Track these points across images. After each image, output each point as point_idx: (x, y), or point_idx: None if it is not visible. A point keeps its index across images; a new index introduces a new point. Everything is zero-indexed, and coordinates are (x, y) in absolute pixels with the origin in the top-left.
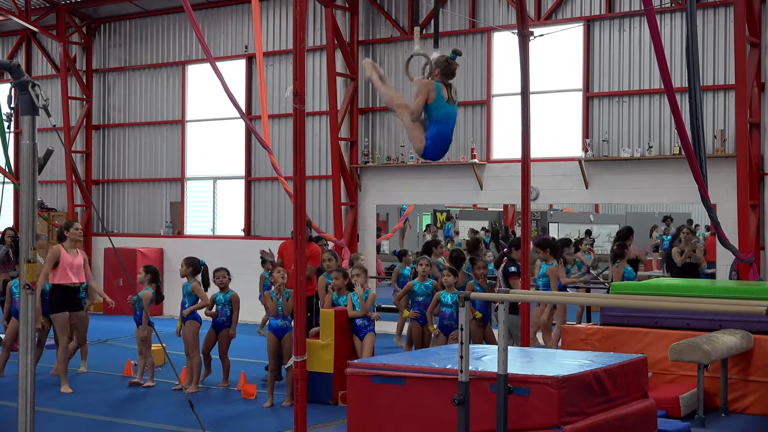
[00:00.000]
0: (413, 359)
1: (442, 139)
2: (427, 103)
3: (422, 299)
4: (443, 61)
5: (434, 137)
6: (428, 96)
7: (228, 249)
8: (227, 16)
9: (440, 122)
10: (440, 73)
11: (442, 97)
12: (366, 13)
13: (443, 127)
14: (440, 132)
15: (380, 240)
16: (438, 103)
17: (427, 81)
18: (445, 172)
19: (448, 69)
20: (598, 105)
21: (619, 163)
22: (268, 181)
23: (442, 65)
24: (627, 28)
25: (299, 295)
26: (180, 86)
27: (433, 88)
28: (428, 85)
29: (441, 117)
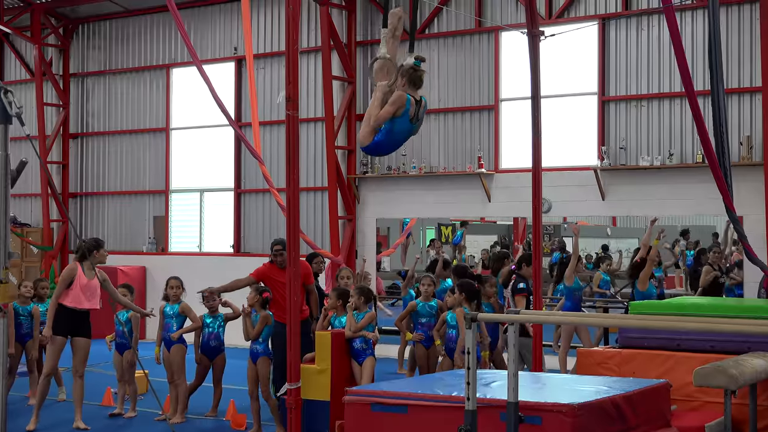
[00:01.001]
0: (416, 386)
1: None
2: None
3: (426, 320)
4: (408, 68)
5: (379, 144)
6: (397, 110)
7: (216, 267)
8: (215, 15)
9: (392, 135)
10: (407, 83)
11: (407, 115)
12: (364, 11)
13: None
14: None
15: (380, 256)
16: (402, 119)
17: (403, 95)
18: (451, 183)
19: (414, 76)
20: (614, 110)
21: (638, 173)
22: (259, 193)
23: (407, 74)
24: (645, 26)
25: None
26: (164, 91)
27: (404, 103)
28: (402, 99)
29: (398, 131)
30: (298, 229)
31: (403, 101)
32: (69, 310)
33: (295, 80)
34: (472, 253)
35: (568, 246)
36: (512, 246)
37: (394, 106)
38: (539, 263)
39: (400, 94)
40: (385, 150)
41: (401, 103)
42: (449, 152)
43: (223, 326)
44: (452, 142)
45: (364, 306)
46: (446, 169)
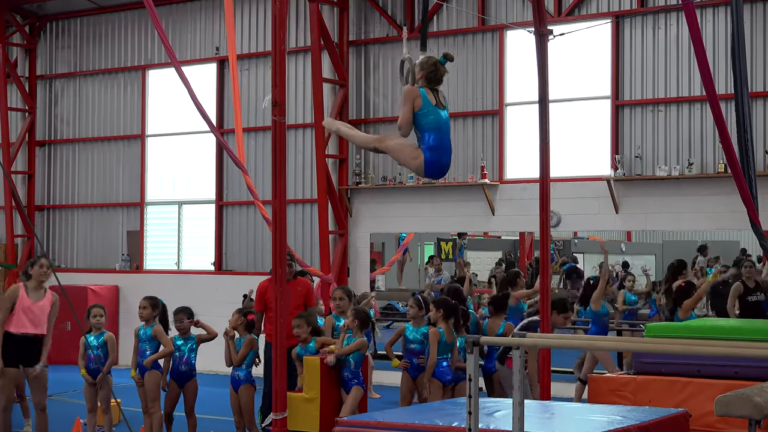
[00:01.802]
0: (413, 415)
1: (441, 149)
2: (415, 111)
3: (415, 347)
4: (430, 64)
5: (433, 147)
6: (414, 104)
7: (195, 286)
8: (195, 12)
9: (434, 129)
10: (425, 77)
11: (429, 102)
12: (357, 9)
13: (439, 134)
14: (438, 140)
15: (375, 274)
16: (426, 110)
17: (411, 88)
18: (451, 195)
19: (435, 75)
20: (629, 115)
21: (655, 183)
22: (243, 205)
23: (428, 69)
24: (662, 25)
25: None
26: (140, 95)
27: (418, 94)
28: (413, 92)
29: (432, 124)
30: (285, 244)
31: (415, 92)
32: (16, 337)
33: (282, 83)
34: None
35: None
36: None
37: (408, 102)
38: (547, 281)
39: (408, 88)
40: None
41: (414, 95)
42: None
43: (195, 350)
44: (453, 149)
45: (359, 331)
46: (446, 180)
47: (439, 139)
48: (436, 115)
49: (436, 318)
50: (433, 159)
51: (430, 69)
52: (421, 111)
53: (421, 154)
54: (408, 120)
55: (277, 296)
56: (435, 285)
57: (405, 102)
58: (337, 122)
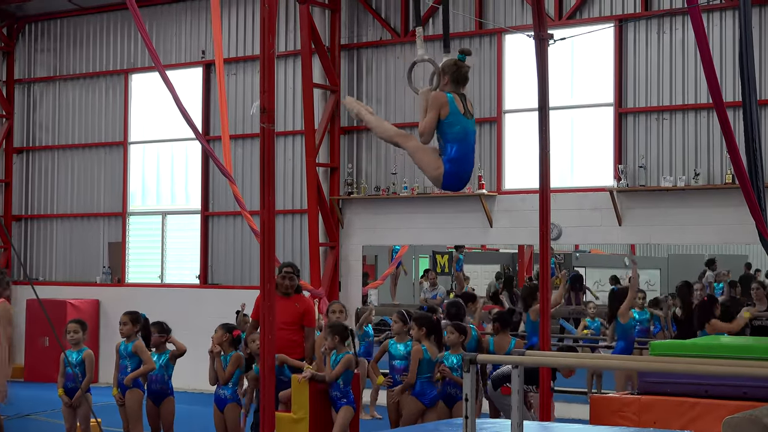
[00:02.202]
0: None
1: (463, 162)
2: (440, 119)
3: (398, 363)
4: (451, 64)
5: (454, 159)
6: (441, 111)
7: (179, 300)
8: (180, 14)
9: (458, 141)
10: (450, 80)
11: (458, 111)
12: (349, 11)
13: (463, 146)
14: (461, 152)
15: (367, 289)
16: (453, 119)
17: (439, 93)
18: (447, 206)
19: (459, 74)
20: (632, 123)
21: (659, 195)
22: (230, 216)
23: (450, 70)
24: (667, 29)
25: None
26: (122, 100)
27: (446, 101)
28: (440, 98)
29: (458, 135)
30: (274, 257)
31: (442, 98)
32: None
33: (270, 88)
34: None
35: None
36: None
37: (434, 107)
38: (547, 297)
39: (435, 94)
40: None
41: (442, 102)
42: None
43: (171, 366)
44: None
45: (341, 346)
46: (442, 190)
47: (463, 152)
48: (463, 125)
49: (418, 336)
50: (453, 172)
51: (453, 69)
52: (447, 120)
53: (442, 165)
54: (432, 128)
55: (264, 312)
56: (430, 300)
57: (431, 108)
58: (359, 104)
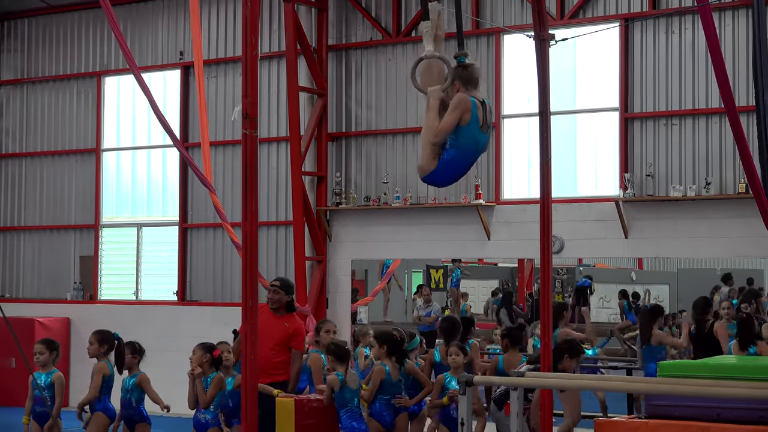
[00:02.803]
0: None
1: (455, 170)
2: (459, 124)
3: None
4: (455, 70)
5: (448, 163)
6: (462, 117)
7: (156, 318)
8: (156, 13)
9: (461, 151)
10: (461, 84)
11: (477, 121)
12: (338, 10)
13: (463, 158)
14: (458, 161)
15: (356, 305)
16: (470, 128)
17: (465, 96)
18: (442, 217)
19: (465, 75)
20: (639, 129)
21: (668, 205)
22: (210, 228)
23: (457, 73)
24: (676, 29)
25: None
26: (94, 104)
27: (470, 108)
28: (465, 103)
29: (467, 145)
30: (257, 272)
31: (467, 104)
32: None
33: (253, 92)
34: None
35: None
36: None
37: (457, 111)
38: (548, 315)
39: (463, 96)
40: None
41: (466, 107)
42: None
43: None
44: None
45: (341, 367)
46: (436, 200)
47: (461, 165)
48: (476, 138)
49: (378, 354)
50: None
51: (460, 74)
52: (465, 127)
53: (435, 165)
54: (449, 131)
55: (247, 332)
56: (424, 317)
57: (454, 109)
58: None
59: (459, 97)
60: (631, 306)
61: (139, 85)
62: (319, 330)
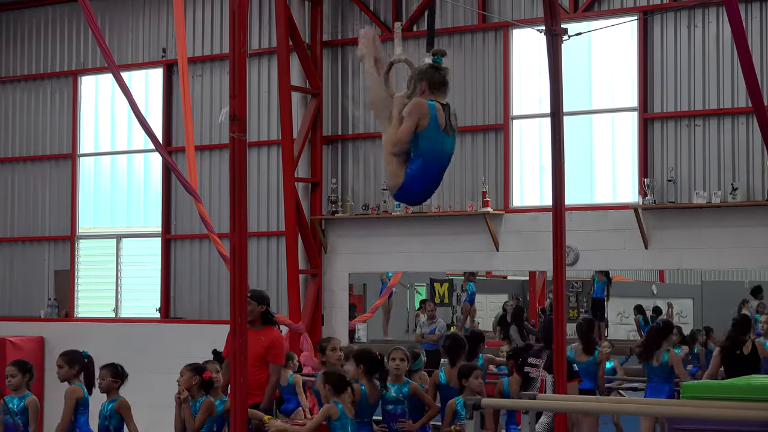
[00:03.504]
0: None
1: (426, 179)
2: (417, 130)
3: (392, 408)
4: (427, 68)
5: (416, 174)
6: (420, 122)
7: (137, 337)
8: (137, 7)
9: (429, 157)
10: (428, 87)
11: (438, 125)
12: (333, 3)
13: (430, 165)
14: (426, 168)
15: (354, 323)
16: (430, 132)
17: (420, 100)
18: (446, 227)
19: (437, 78)
20: (660, 131)
21: (691, 213)
22: (195, 239)
23: (427, 74)
24: (699, 22)
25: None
26: (70, 106)
27: (427, 112)
28: (421, 107)
29: (431, 150)
30: (246, 286)
31: (423, 108)
32: None
33: (242, 92)
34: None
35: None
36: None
37: (413, 116)
38: (562, 333)
39: (417, 100)
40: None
41: (422, 111)
42: (444, 186)
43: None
44: (448, 172)
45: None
46: (440, 208)
47: (430, 172)
48: (439, 142)
49: (355, 374)
50: (410, 189)
51: (430, 73)
52: (424, 132)
53: (402, 177)
54: (407, 139)
55: (236, 350)
56: (427, 335)
57: (410, 116)
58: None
59: (414, 101)
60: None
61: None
62: (323, 349)
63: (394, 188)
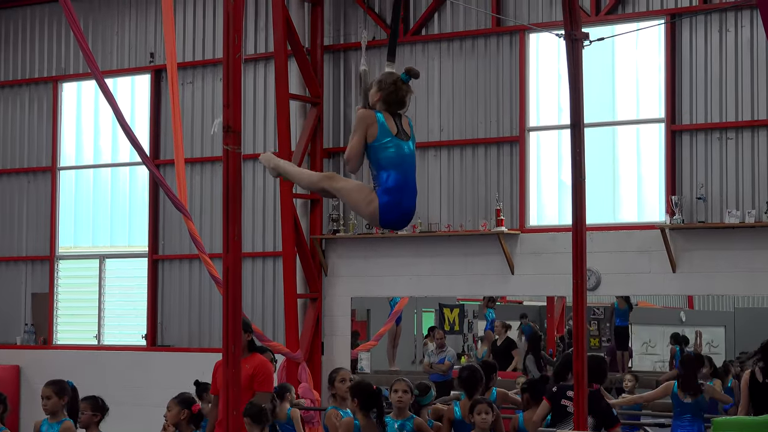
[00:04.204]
0: None
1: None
2: (368, 142)
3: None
4: (389, 83)
5: (390, 189)
6: (367, 132)
7: (121, 366)
8: (123, 9)
9: (394, 166)
10: (382, 100)
11: (388, 131)
12: (335, 5)
13: (400, 172)
14: (397, 179)
15: (357, 351)
16: (382, 141)
17: (365, 111)
18: (457, 248)
19: (395, 96)
20: (689, 144)
21: (723, 233)
22: (185, 260)
23: (386, 89)
24: (732, 26)
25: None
26: (50, 115)
27: (374, 121)
28: (366, 117)
29: (391, 159)
30: (240, 312)
31: (370, 117)
32: None
33: (237, 101)
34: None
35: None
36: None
37: (360, 128)
38: (582, 363)
39: (361, 112)
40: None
41: (369, 121)
42: (455, 203)
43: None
44: (459, 188)
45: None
46: (451, 228)
47: (401, 180)
48: (397, 148)
49: (353, 408)
50: (391, 204)
51: (389, 89)
52: (377, 142)
53: (376, 198)
54: (358, 153)
55: (228, 381)
56: (436, 365)
57: (356, 129)
58: (276, 158)
59: (358, 113)
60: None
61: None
62: (332, 380)
63: (374, 213)
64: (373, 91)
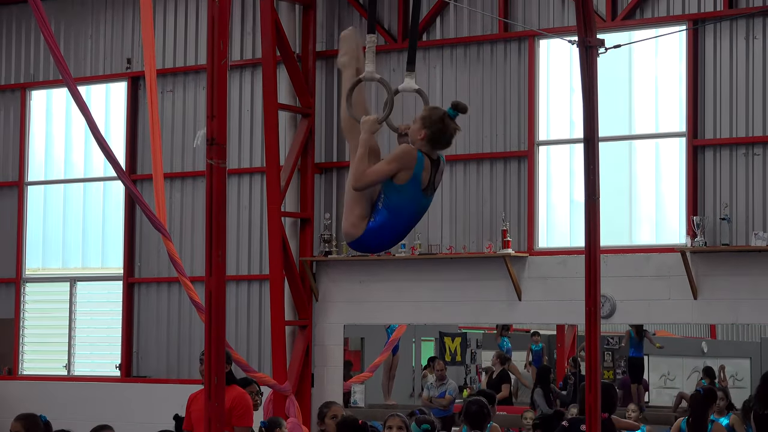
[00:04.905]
0: None
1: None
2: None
3: None
4: (437, 119)
5: (378, 231)
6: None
7: (94, 398)
8: (98, 11)
9: (397, 215)
10: (427, 138)
11: (418, 183)
12: (328, 8)
13: (397, 223)
14: (392, 228)
15: (350, 383)
16: (407, 188)
17: (410, 149)
18: (460, 271)
19: (442, 135)
20: (712, 160)
21: (749, 257)
22: (163, 284)
23: (434, 126)
24: (759, 33)
25: None
26: (18, 125)
27: (412, 166)
28: (408, 159)
29: (402, 208)
30: (224, 340)
31: (411, 161)
32: None
33: (221, 111)
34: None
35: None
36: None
37: (395, 164)
38: (596, 396)
39: (408, 149)
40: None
41: (408, 164)
42: (458, 223)
43: None
44: (462, 207)
45: None
46: (453, 250)
47: (395, 231)
48: (415, 203)
49: None
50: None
51: (438, 127)
52: (401, 186)
53: (363, 230)
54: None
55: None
56: (436, 399)
57: (393, 161)
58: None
59: (403, 148)
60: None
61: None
62: (323, 416)
63: (351, 237)
64: (416, 128)
